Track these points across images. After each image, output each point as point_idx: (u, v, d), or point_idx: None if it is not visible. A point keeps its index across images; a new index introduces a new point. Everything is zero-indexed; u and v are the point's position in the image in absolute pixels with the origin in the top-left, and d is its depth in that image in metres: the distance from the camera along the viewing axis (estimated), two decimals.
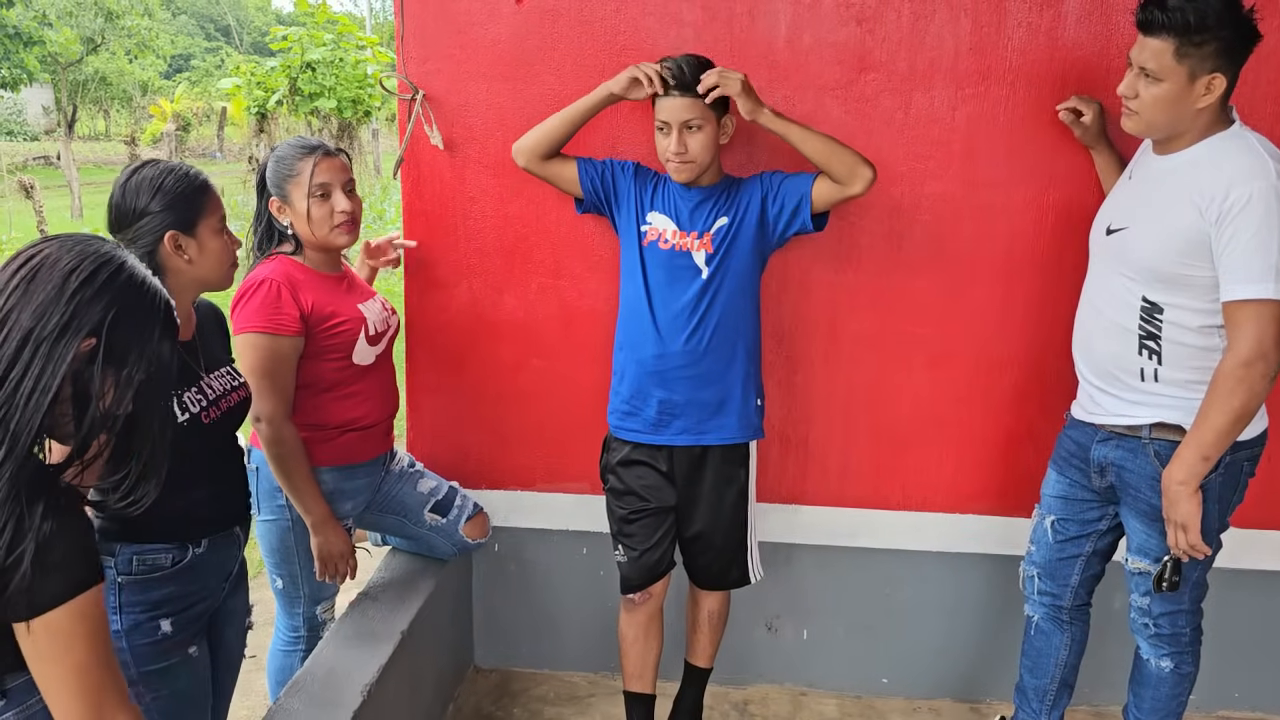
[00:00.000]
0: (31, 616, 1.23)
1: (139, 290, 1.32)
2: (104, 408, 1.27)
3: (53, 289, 1.24)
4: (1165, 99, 2.01)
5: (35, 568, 1.20)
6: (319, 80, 15.69)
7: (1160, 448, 2.15)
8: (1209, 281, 2.03)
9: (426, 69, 2.67)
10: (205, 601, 1.98)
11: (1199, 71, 1.97)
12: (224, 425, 1.99)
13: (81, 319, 1.24)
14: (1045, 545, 2.44)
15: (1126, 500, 2.25)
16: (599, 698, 2.98)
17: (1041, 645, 2.50)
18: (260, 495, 2.39)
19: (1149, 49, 2.00)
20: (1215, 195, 1.97)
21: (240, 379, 2.08)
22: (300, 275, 2.31)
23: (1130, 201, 2.20)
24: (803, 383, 2.77)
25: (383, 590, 2.63)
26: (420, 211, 2.76)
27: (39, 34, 25.69)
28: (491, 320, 2.81)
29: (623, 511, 2.52)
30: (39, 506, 1.22)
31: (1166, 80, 1.99)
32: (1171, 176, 2.09)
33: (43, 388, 1.21)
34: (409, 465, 2.66)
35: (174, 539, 1.89)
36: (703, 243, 2.39)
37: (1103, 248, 2.24)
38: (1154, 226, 2.09)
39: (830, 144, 2.31)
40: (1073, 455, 2.36)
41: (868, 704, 2.98)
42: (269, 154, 2.39)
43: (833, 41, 2.56)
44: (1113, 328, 2.19)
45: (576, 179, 2.48)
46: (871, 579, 2.92)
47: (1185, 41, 1.94)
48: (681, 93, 2.26)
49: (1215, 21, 1.93)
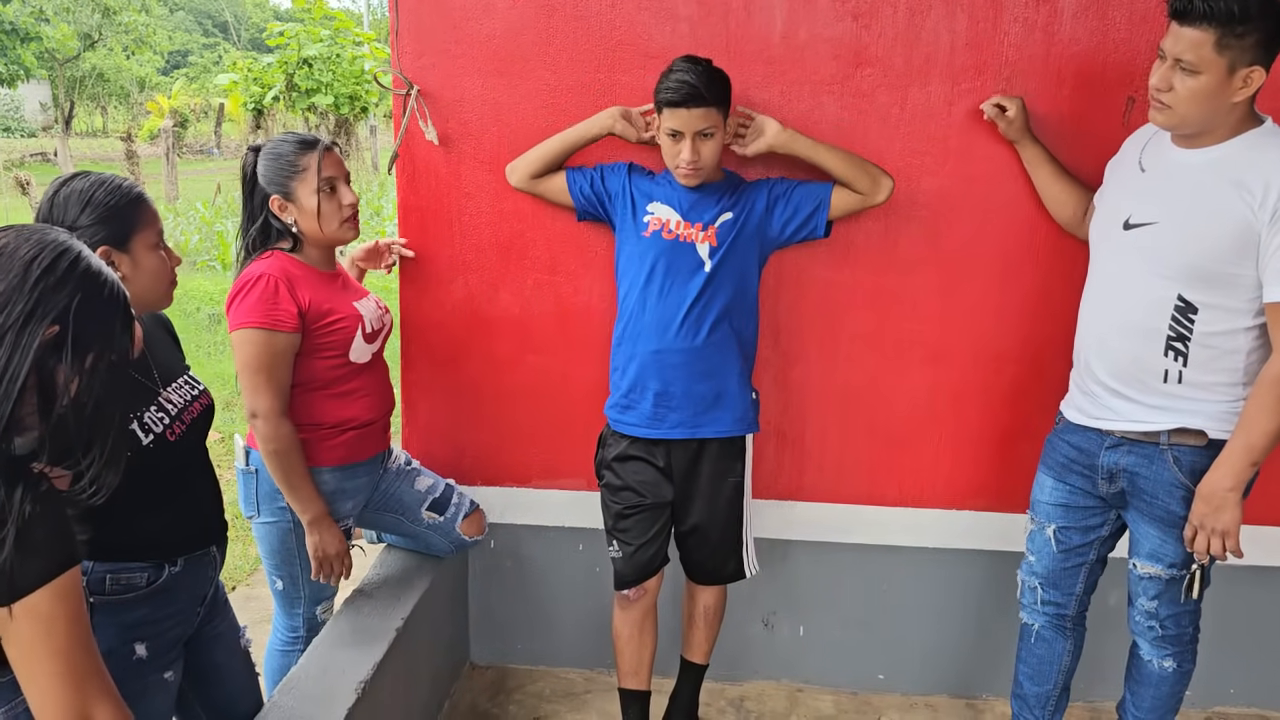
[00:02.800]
0: (13, 600, 1.22)
1: (98, 279, 1.30)
2: (70, 396, 1.26)
3: (15, 277, 1.23)
4: (1203, 92, 1.91)
5: (17, 551, 1.20)
6: (316, 76, 15.69)
7: (1180, 453, 2.10)
8: (1251, 281, 1.98)
9: (421, 64, 2.66)
10: (180, 627, 1.93)
11: (1239, 64, 1.88)
12: (190, 438, 1.93)
13: (45, 306, 1.23)
14: (1048, 555, 2.37)
15: (1139, 506, 2.19)
16: (595, 694, 2.97)
17: (1044, 653, 2.44)
18: (260, 497, 2.38)
19: (1186, 39, 1.89)
20: (1268, 189, 1.91)
21: (200, 387, 2.02)
22: (298, 271, 2.29)
23: (1152, 195, 2.09)
24: (799, 379, 2.76)
25: (378, 587, 2.62)
26: (415, 207, 2.76)
27: (36, 30, 25.66)
28: (487, 316, 2.80)
29: (618, 507, 2.52)
30: (17, 491, 1.21)
31: (1205, 73, 1.89)
32: (1208, 172, 2.00)
33: (10, 376, 1.20)
34: (405, 463, 2.66)
35: (149, 557, 1.84)
36: (707, 235, 2.39)
37: (1122, 243, 2.12)
38: (1196, 223, 2.00)
39: (853, 158, 2.42)
40: (1073, 461, 2.29)
41: (864, 700, 2.98)
42: (251, 154, 2.33)
43: (829, 37, 2.55)
44: (1137, 328, 2.10)
45: (566, 189, 2.52)
46: (867, 575, 2.91)
47: (1228, 32, 1.85)
48: (695, 105, 2.26)
49: (1258, 11, 1.85)
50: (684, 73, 2.26)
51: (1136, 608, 2.30)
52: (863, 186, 2.40)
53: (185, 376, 2.00)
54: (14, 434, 1.22)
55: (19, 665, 1.26)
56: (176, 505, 1.88)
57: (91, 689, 1.28)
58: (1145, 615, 2.28)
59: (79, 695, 1.26)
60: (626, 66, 2.61)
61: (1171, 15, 1.93)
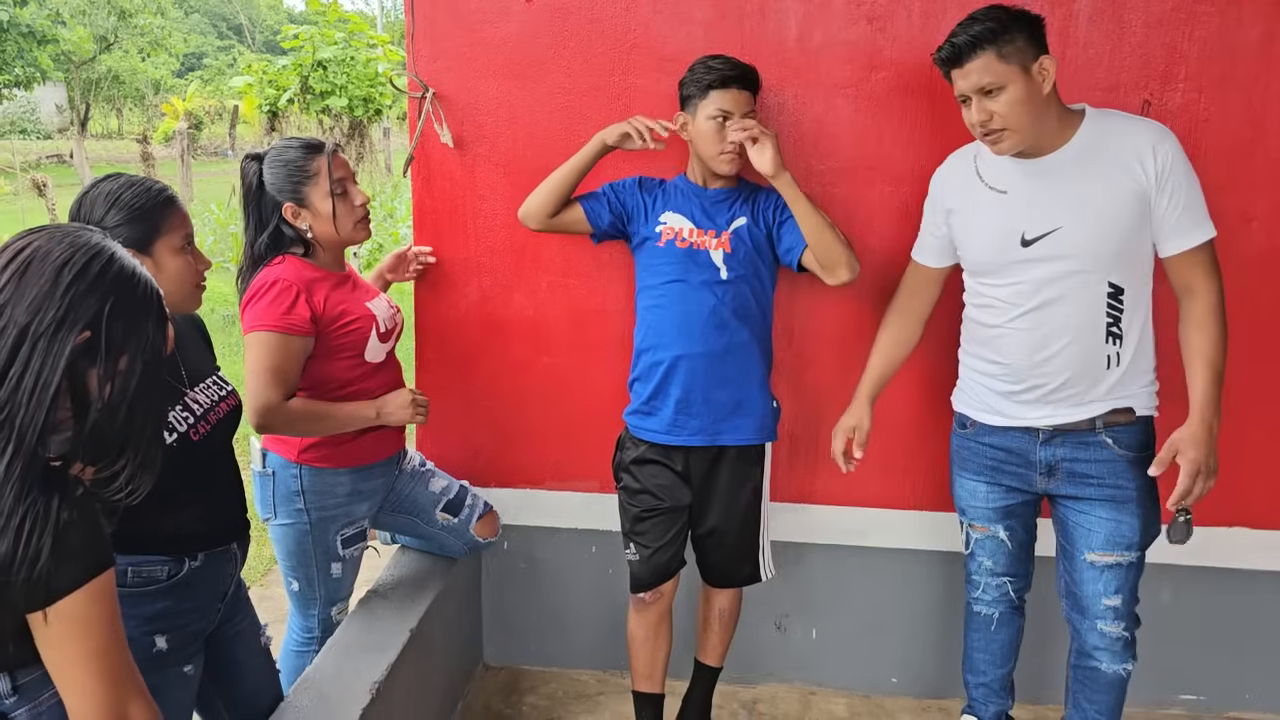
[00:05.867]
0: (49, 604, 1.24)
1: (130, 281, 1.31)
2: (104, 399, 1.27)
3: (46, 283, 1.23)
4: (1020, 98, 2.03)
5: (53, 557, 1.21)
6: (330, 79, 15.73)
7: (1115, 434, 2.19)
8: (1147, 252, 2.14)
9: (437, 67, 2.67)
10: (200, 621, 1.95)
11: (1028, 61, 2.03)
12: (215, 438, 1.95)
13: (77, 313, 1.24)
14: (1004, 554, 2.41)
15: (1087, 493, 2.22)
16: (608, 695, 2.98)
17: (1006, 637, 2.50)
18: (277, 499, 2.39)
19: (975, 71, 2.03)
20: (1144, 159, 2.05)
21: (228, 387, 2.03)
22: (311, 275, 2.29)
23: (1036, 206, 2.13)
24: (812, 381, 2.76)
25: (392, 588, 2.63)
26: (430, 210, 2.77)
27: (53, 32, 25.85)
28: (501, 319, 2.81)
29: (635, 510, 2.52)
30: (55, 499, 1.22)
31: (1010, 83, 2.02)
32: (1083, 165, 2.10)
33: (43, 383, 1.21)
34: (420, 464, 2.67)
35: (169, 552, 1.86)
36: (720, 242, 2.39)
37: (1029, 257, 2.14)
38: (1102, 211, 2.08)
39: (824, 230, 2.33)
40: (1003, 463, 2.31)
41: (877, 703, 2.98)
42: (253, 163, 2.30)
43: (844, 40, 2.55)
44: (1075, 329, 2.14)
45: (585, 218, 2.51)
46: (881, 578, 2.91)
47: (1000, 44, 2.00)
48: (743, 85, 2.31)
49: (1009, 20, 2.02)
50: (725, 58, 2.33)
51: (1093, 616, 2.28)
52: (821, 259, 2.34)
53: (214, 377, 2.02)
54: (49, 438, 1.23)
55: (56, 667, 1.28)
56: (198, 502, 1.90)
57: (128, 687, 1.30)
58: (1110, 618, 2.26)
59: (117, 693, 1.29)
60: (641, 70, 2.61)
61: (946, 65, 2.09)
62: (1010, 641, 2.51)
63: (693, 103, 2.36)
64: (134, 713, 1.31)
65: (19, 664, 1.33)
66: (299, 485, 2.35)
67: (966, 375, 2.39)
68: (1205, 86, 2.48)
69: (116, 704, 1.29)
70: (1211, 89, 2.48)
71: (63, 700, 1.30)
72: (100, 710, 1.28)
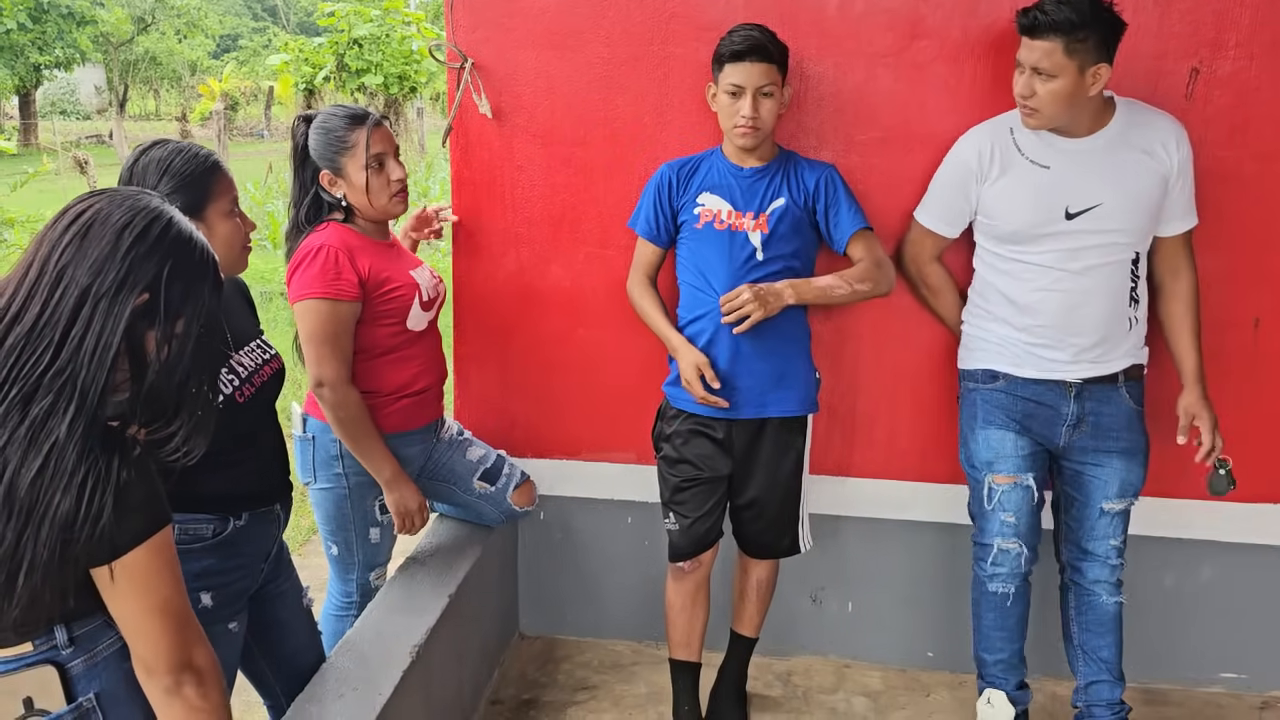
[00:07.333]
0: (114, 558, 1.28)
1: (189, 245, 1.33)
2: (161, 362, 1.29)
3: (107, 245, 1.25)
4: (1062, 93, 2.17)
5: (115, 515, 1.24)
6: (366, 56, 15.81)
7: (1130, 387, 2.40)
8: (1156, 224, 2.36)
9: (475, 37, 2.67)
10: (244, 580, 1.99)
11: (1087, 64, 2.14)
12: (259, 401, 1.98)
13: (137, 275, 1.26)
14: (1026, 510, 2.43)
15: (1105, 446, 2.40)
16: (643, 666, 3.00)
17: (1020, 611, 2.51)
18: (317, 464, 2.42)
19: (1038, 50, 2.15)
20: (1169, 147, 2.28)
21: (272, 350, 2.06)
22: (356, 241, 2.31)
23: (1079, 183, 2.27)
24: (851, 354, 2.75)
25: (430, 556, 2.66)
26: (468, 180, 2.78)
27: (91, 14, 26.13)
28: (538, 289, 2.82)
29: (675, 480, 2.53)
30: (115, 458, 1.25)
31: (1061, 76, 2.15)
32: (1118, 150, 2.27)
33: (104, 344, 1.23)
34: (458, 433, 2.69)
35: (215, 510, 1.90)
36: (758, 223, 2.39)
37: (1070, 230, 2.29)
38: (1138, 191, 2.27)
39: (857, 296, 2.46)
40: (1033, 414, 2.41)
41: (912, 677, 2.97)
42: (302, 124, 2.35)
43: (885, 8, 2.52)
44: (1108, 293, 2.32)
45: (658, 250, 2.55)
46: (918, 552, 2.90)
47: (1072, 39, 2.11)
48: (758, 58, 2.28)
49: (1093, 17, 2.12)
50: (748, 28, 2.31)
51: (1101, 554, 2.46)
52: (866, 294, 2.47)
53: (258, 340, 2.05)
54: (109, 399, 1.25)
55: (124, 619, 1.33)
56: (243, 463, 1.93)
57: (191, 634, 1.37)
58: (1115, 556, 2.46)
59: (183, 640, 1.35)
60: (681, 39, 2.60)
61: (1021, 31, 2.19)
62: (1023, 616, 2.54)
63: (715, 75, 2.36)
64: (198, 657, 1.36)
65: (76, 616, 1.37)
66: (338, 450, 2.37)
67: (989, 334, 2.45)
68: (1257, 53, 2.43)
69: (181, 650, 1.35)
70: (1263, 55, 2.43)
71: (130, 648, 1.36)
72: (168, 657, 1.34)
